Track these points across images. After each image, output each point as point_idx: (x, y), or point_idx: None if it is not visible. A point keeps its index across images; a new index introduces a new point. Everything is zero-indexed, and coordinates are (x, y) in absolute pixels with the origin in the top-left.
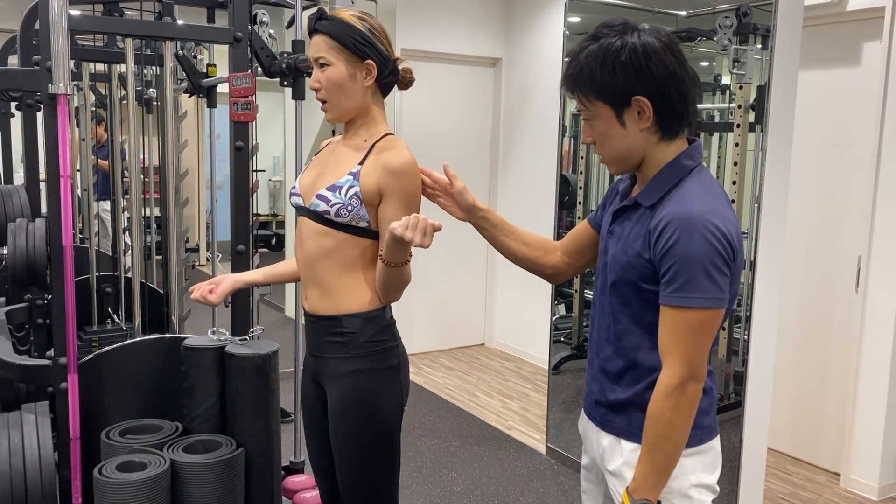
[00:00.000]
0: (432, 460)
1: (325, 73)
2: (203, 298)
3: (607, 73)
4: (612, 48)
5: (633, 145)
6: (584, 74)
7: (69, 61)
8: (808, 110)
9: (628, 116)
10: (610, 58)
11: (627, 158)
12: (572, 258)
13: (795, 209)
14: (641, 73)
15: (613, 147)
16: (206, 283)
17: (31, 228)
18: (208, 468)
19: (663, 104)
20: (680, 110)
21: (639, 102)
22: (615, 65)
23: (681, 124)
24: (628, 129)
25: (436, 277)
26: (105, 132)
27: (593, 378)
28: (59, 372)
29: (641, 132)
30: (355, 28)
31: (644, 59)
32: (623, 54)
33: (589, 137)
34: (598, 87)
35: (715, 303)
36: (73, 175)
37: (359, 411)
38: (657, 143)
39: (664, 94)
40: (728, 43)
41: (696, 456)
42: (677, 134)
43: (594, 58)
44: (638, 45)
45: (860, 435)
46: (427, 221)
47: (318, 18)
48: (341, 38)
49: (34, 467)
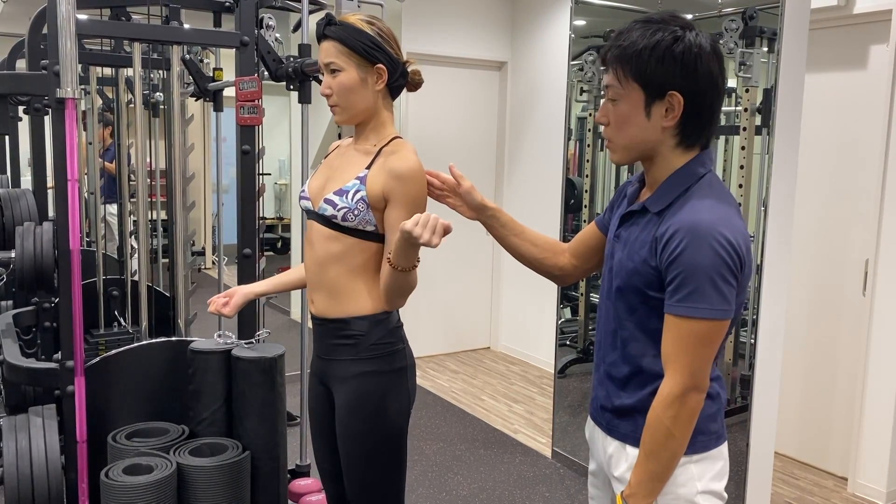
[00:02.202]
0: (438, 464)
1: (336, 78)
2: (217, 312)
3: (656, 58)
4: (670, 36)
5: (649, 139)
6: (632, 52)
7: (77, 65)
8: (815, 113)
9: (656, 109)
10: (664, 45)
11: (638, 150)
12: (580, 260)
13: (802, 212)
14: (687, 71)
15: (629, 134)
16: (219, 296)
17: (39, 232)
18: (214, 471)
19: (694, 108)
20: (705, 120)
21: (673, 98)
22: (666, 54)
23: (700, 135)
24: (651, 122)
25: (442, 281)
26: (111, 135)
27: (599, 383)
28: (67, 375)
29: (663, 130)
30: (365, 32)
31: (696, 58)
32: (679, 46)
33: (605, 117)
34: (642, 69)
35: (720, 314)
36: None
37: (367, 414)
38: (674, 147)
39: (699, 98)
40: (734, 46)
41: (703, 462)
42: (694, 145)
43: (649, 38)
44: (694, 43)
45: (868, 439)
46: (439, 220)
47: (326, 24)
48: (351, 44)
49: (41, 470)
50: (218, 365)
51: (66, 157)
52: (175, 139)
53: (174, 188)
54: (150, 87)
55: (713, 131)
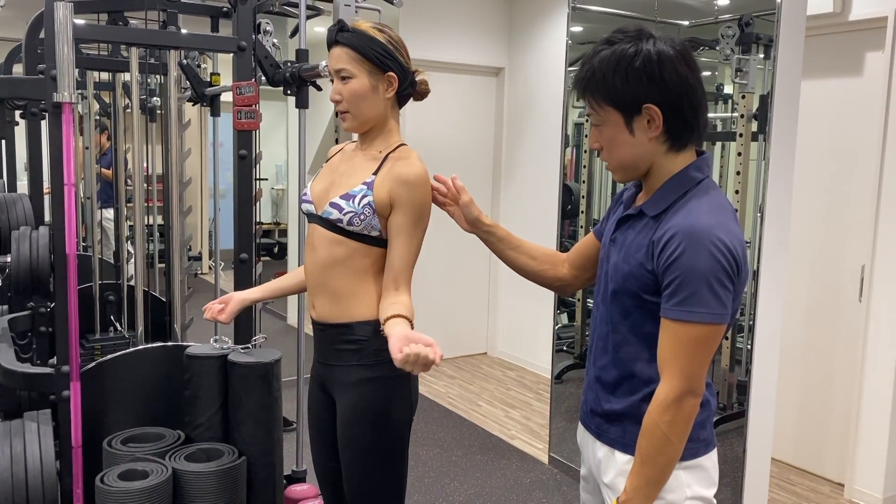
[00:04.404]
0: (434, 469)
1: (346, 85)
2: (213, 318)
3: (620, 78)
4: (626, 54)
5: (640, 154)
6: (597, 79)
7: (74, 70)
8: (811, 120)
9: (637, 124)
10: (623, 63)
11: (634, 166)
12: (579, 270)
13: (798, 219)
14: (654, 81)
15: (620, 154)
16: (215, 302)
17: (35, 236)
18: (210, 477)
19: (674, 114)
20: (690, 121)
21: (649, 111)
22: (628, 71)
23: (690, 135)
24: (637, 137)
25: (439, 286)
26: (107, 140)
27: (589, 387)
28: (62, 380)
29: (650, 141)
30: (377, 40)
31: (658, 66)
32: (637, 61)
33: (596, 143)
34: (610, 92)
35: (717, 318)
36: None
37: (370, 420)
38: (665, 153)
39: (675, 103)
40: (731, 52)
41: (693, 469)
42: (686, 145)
43: (607, 62)
44: (653, 52)
45: (864, 445)
46: (428, 358)
47: (339, 30)
48: (364, 51)
49: (36, 476)
50: (214, 370)
51: (63, 162)
52: (172, 144)
53: (171, 193)
54: (148, 92)
55: (703, 126)
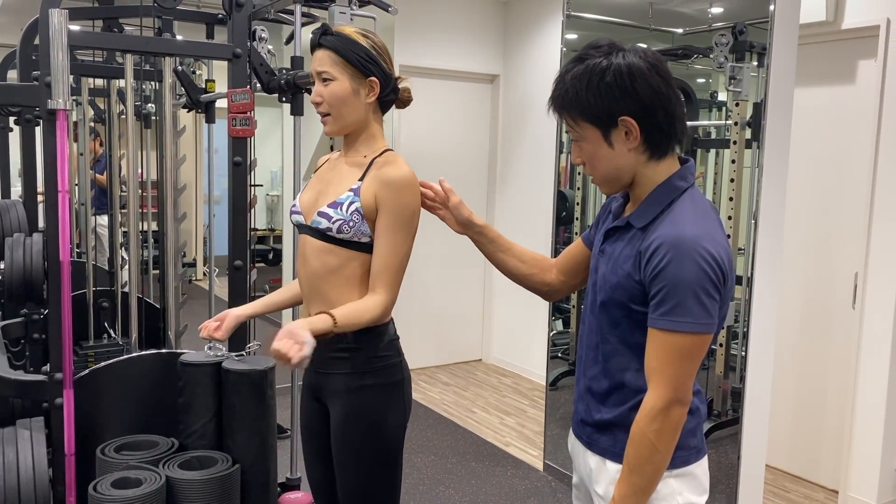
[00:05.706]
0: (429, 477)
1: (328, 87)
2: (209, 336)
3: (593, 94)
4: (597, 69)
5: (621, 165)
6: (570, 96)
7: (68, 76)
8: (805, 127)
9: (616, 137)
10: (595, 79)
11: (617, 178)
12: (567, 276)
13: (792, 226)
14: (627, 94)
15: (603, 167)
16: (211, 320)
17: (29, 243)
18: (204, 485)
19: (650, 124)
20: (668, 129)
21: (625, 123)
22: (600, 86)
23: (669, 143)
24: (616, 150)
25: (433, 293)
26: (100, 146)
27: (580, 397)
28: (55, 387)
29: (630, 152)
30: (360, 44)
31: (629, 79)
32: (608, 75)
33: (578, 158)
34: (584, 108)
35: (704, 328)
36: (70, 190)
37: (364, 427)
38: (647, 162)
39: (650, 113)
40: (724, 60)
41: (684, 476)
42: (667, 152)
43: (579, 79)
44: (623, 65)
45: (858, 452)
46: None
47: (322, 33)
48: (346, 54)
49: (28, 483)
50: (208, 378)
51: (57, 168)
52: (167, 150)
53: (165, 199)
54: (142, 99)
55: (682, 133)
